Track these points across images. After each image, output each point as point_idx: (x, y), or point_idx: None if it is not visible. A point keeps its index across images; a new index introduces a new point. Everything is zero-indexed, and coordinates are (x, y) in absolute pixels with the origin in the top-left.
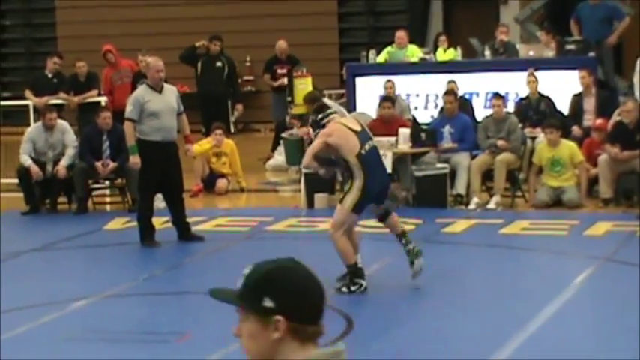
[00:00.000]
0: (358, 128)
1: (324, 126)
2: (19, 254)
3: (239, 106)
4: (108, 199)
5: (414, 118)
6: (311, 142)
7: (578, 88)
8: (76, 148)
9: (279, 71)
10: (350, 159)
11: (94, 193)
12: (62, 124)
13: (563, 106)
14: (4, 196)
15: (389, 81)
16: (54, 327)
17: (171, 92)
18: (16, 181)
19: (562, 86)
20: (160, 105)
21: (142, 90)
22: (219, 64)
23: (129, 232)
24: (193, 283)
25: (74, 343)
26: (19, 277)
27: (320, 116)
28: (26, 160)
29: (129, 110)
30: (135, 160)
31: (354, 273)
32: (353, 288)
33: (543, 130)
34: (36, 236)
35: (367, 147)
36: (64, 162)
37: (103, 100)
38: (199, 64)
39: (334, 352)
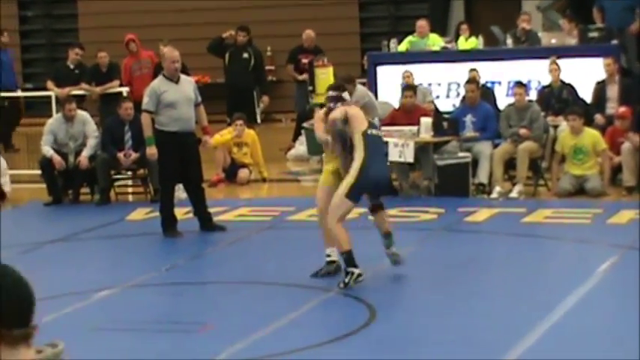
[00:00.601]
0: (370, 119)
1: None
2: (41, 245)
3: (265, 98)
4: (130, 190)
5: (436, 107)
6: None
7: (601, 76)
8: (97, 138)
9: (304, 61)
10: (356, 135)
11: (117, 183)
12: (82, 114)
13: (586, 94)
14: (27, 187)
15: (407, 71)
16: (77, 317)
17: (188, 83)
18: (39, 172)
19: (584, 74)
20: (176, 95)
21: (158, 81)
22: (245, 55)
23: (151, 223)
24: (215, 273)
25: (97, 333)
26: (41, 268)
27: (344, 95)
28: (48, 151)
29: (145, 102)
30: (151, 152)
31: (348, 261)
32: (346, 280)
33: (566, 117)
34: (58, 227)
35: (374, 131)
36: (85, 152)
37: (125, 90)
38: (227, 55)
39: (52, 354)
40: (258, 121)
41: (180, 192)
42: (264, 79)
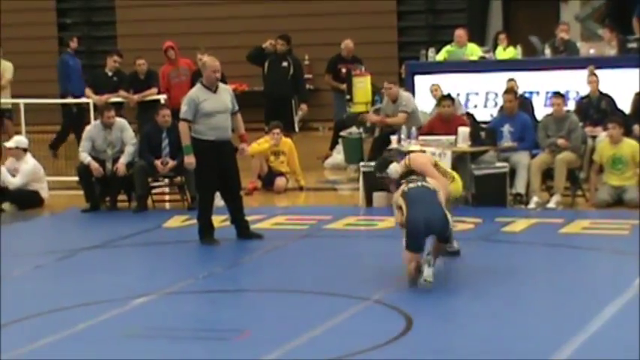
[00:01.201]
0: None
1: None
2: (78, 251)
3: (303, 106)
4: (167, 197)
5: (473, 117)
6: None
7: None
8: (135, 145)
9: (344, 70)
10: (399, 201)
11: (154, 190)
12: (120, 121)
13: (625, 104)
14: (65, 194)
15: (434, 84)
16: (114, 324)
17: (226, 92)
18: (77, 178)
19: (623, 85)
20: (215, 104)
21: (196, 90)
22: (284, 64)
23: (188, 230)
24: (252, 281)
25: (134, 341)
26: (78, 275)
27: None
28: (85, 158)
29: (184, 110)
30: (189, 160)
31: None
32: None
33: (606, 126)
34: (96, 234)
35: (411, 184)
36: (123, 159)
37: (163, 98)
38: (266, 64)
39: None
40: (296, 129)
41: (217, 199)
42: (303, 88)
